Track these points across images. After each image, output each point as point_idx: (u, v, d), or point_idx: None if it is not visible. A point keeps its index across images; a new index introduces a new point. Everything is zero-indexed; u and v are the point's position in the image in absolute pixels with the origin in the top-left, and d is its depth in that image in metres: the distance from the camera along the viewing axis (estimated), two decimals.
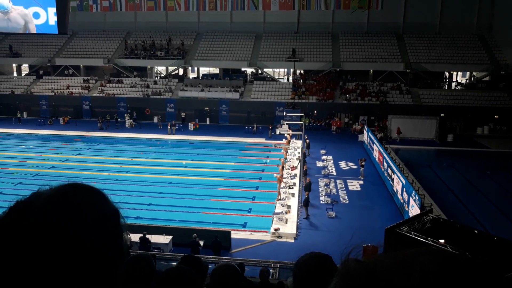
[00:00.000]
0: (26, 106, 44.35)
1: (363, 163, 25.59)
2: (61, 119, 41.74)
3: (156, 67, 50.16)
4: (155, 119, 41.42)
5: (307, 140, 30.76)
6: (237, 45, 47.52)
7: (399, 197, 20.67)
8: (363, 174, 25.52)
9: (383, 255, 0.75)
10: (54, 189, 0.96)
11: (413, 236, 13.74)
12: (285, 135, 32.29)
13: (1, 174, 25.79)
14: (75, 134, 37.07)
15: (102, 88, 44.86)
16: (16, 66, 51.20)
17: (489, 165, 29.85)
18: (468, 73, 47.29)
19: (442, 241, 13.61)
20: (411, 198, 18.35)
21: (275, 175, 22.38)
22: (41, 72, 48.88)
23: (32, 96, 44.76)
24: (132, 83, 45.36)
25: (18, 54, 48.71)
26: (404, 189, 19.75)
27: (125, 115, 41.37)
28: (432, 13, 46.09)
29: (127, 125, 40.21)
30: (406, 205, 19.14)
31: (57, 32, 32.88)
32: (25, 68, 51.47)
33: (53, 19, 30.49)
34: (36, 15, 31.34)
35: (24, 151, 31.93)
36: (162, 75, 50.85)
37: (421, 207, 16.79)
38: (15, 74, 50.90)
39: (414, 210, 17.53)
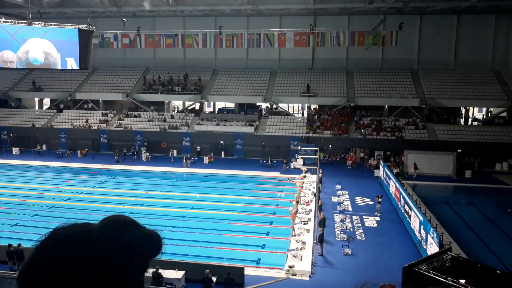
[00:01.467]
0: (46, 139, 45.43)
1: (380, 200, 25.17)
2: (78, 151, 42.52)
3: (173, 101, 51.20)
4: (170, 153, 41.89)
5: (320, 174, 30.59)
6: (253, 80, 48.36)
7: (417, 234, 20.16)
8: (379, 210, 25.06)
9: None
10: (103, 225, 0.99)
11: (432, 276, 13.30)
12: (300, 175, 32.18)
13: (18, 205, 26.11)
14: (92, 167, 37.58)
15: (120, 121, 45.79)
16: (38, 100, 52.87)
17: (509, 203, 29.05)
18: (484, 109, 46.96)
19: (462, 281, 13.13)
20: (429, 235, 17.87)
21: (290, 209, 22.14)
22: (61, 106, 50.34)
23: (52, 129, 45.91)
24: (149, 117, 46.26)
25: (40, 89, 50.40)
26: (422, 226, 19.29)
27: (142, 148, 41.97)
28: (446, 50, 46.44)
29: (143, 158, 40.68)
30: (424, 243, 18.63)
31: (79, 68, 34.20)
32: (46, 102, 53.09)
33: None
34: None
35: (42, 183, 32.41)
36: (179, 109, 51.78)
37: (440, 245, 16.32)
38: (36, 108, 52.47)
39: (432, 248, 17.03)
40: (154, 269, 15.40)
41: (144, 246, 0.98)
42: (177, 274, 15.88)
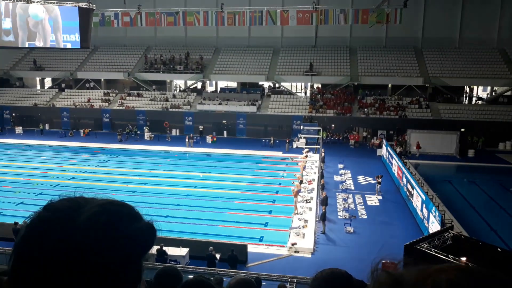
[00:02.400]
0: (48, 118, 45.42)
1: (379, 180, 25.15)
2: (81, 131, 42.58)
3: (175, 80, 50.89)
4: (173, 132, 41.97)
5: (323, 154, 30.61)
6: (255, 59, 47.93)
7: (419, 213, 20.29)
8: (379, 190, 25.06)
9: (411, 268, 0.77)
10: (97, 207, 0.95)
11: (433, 253, 13.45)
12: (303, 152, 32.19)
13: (23, 184, 26.32)
14: (95, 146, 37.68)
15: (122, 101, 45.67)
16: (39, 79, 52.64)
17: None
18: (489, 88, 46.61)
19: (463, 259, 13.27)
20: (431, 214, 17.99)
21: (292, 188, 22.25)
22: (63, 85, 50.14)
23: (54, 108, 45.86)
24: (151, 96, 46.09)
25: (41, 68, 50.12)
26: (424, 205, 19.39)
27: (144, 128, 42.00)
28: (451, 28, 45.78)
29: (145, 138, 40.75)
30: (426, 221, 18.77)
31: (79, 47, 33.87)
32: (48, 81, 52.85)
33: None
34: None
35: (45, 162, 32.57)
36: (181, 88, 51.54)
37: (442, 223, 16.43)
38: (38, 87, 52.27)
39: (434, 226, 17.17)
40: (159, 246, 15.62)
41: (130, 246, 0.92)
42: (182, 251, 16.10)
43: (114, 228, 0.92)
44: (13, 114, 45.92)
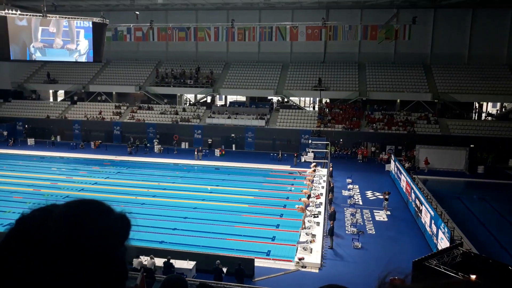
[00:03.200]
0: (60, 130, 46.05)
1: (387, 196, 24.97)
2: (92, 143, 43.08)
3: (185, 94, 51.44)
4: (183, 145, 42.30)
5: (331, 168, 30.60)
6: (264, 74, 48.34)
7: (428, 229, 20.15)
8: (386, 207, 24.89)
9: (418, 283, 0.79)
10: (65, 208, 1.00)
11: (442, 270, 13.34)
12: (310, 166, 32.17)
13: (33, 195, 26.62)
14: (105, 158, 38.06)
15: (133, 114, 46.22)
16: (52, 92, 53.56)
17: None
18: (498, 104, 46.36)
19: (473, 276, 13.15)
20: (440, 230, 17.87)
21: (296, 206, 22.20)
22: (75, 98, 50.96)
23: (66, 120, 46.54)
24: (162, 109, 46.59)
25: (55, 81, 51.05)
26: (433, 221, 19.27)
27: (154, 141, 42.39)
28: (460, 44, 45.84)
29: (155, 150, 41.10)
30: (435, 238, 18.63)
31: (92, 61, 34.50)
32: (61, 94, 53.75)
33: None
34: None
35: (56, 174, 32.95)
36: (191, 102, 52.06)
37: (451, 240, 16.32)
38: (51, 100, 53.15)
39: (443, 243, 17.04)
40: (166, 259, 15.70)
41: (102, 240, 0.93)
42: (188, 264, 16.16)
43: (82, 224, 0.93)
44: (26, 126, 46.66)
